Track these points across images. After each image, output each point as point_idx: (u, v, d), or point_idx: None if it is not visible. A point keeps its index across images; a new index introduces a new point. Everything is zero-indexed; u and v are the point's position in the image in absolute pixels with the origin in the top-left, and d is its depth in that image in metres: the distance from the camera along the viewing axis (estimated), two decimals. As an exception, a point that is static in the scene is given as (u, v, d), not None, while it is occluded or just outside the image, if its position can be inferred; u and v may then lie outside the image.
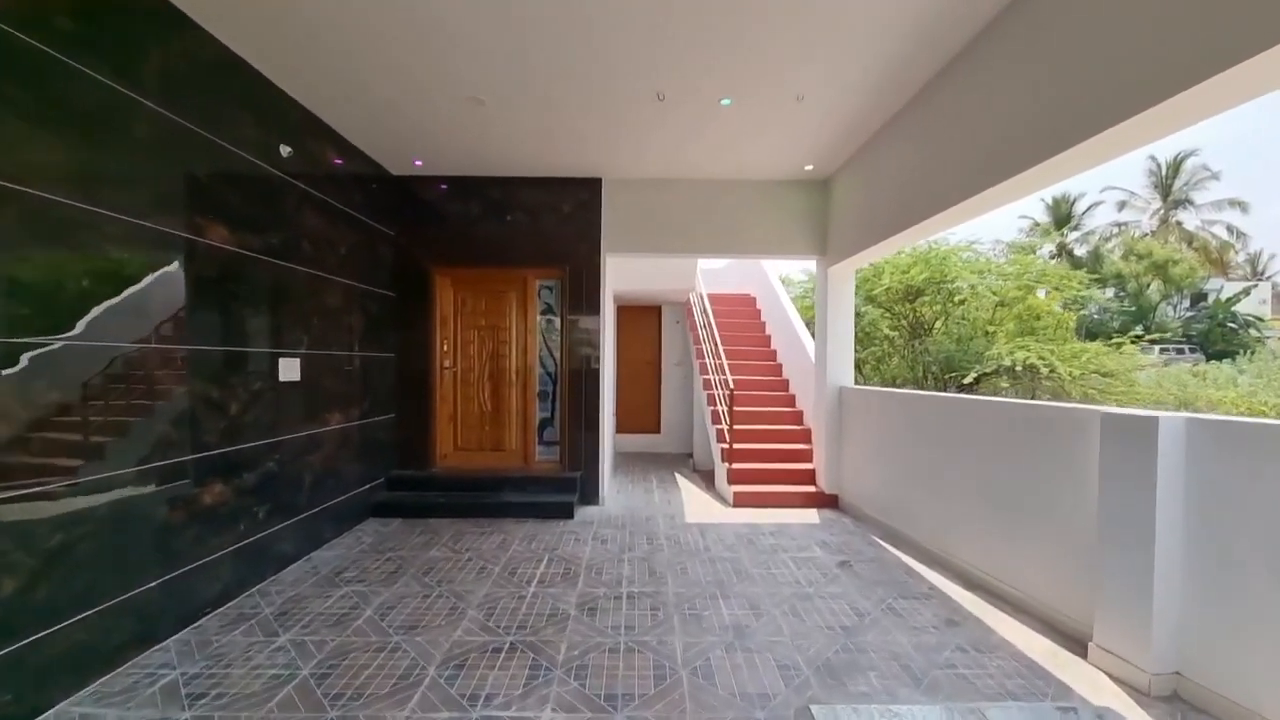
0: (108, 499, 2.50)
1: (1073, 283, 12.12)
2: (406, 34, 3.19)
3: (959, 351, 11.07)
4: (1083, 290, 12.73)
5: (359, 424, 4.74)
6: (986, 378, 10.58)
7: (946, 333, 11.75)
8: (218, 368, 3.19)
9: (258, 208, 3.56)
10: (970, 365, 10.63)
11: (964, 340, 11.36)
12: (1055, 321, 12.13)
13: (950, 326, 11.90)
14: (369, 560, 3.86)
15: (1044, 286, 12.11)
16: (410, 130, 4.46)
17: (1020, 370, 9.99)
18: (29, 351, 2.20)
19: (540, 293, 5.64)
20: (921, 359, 11.53)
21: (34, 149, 2.23)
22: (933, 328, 12.02)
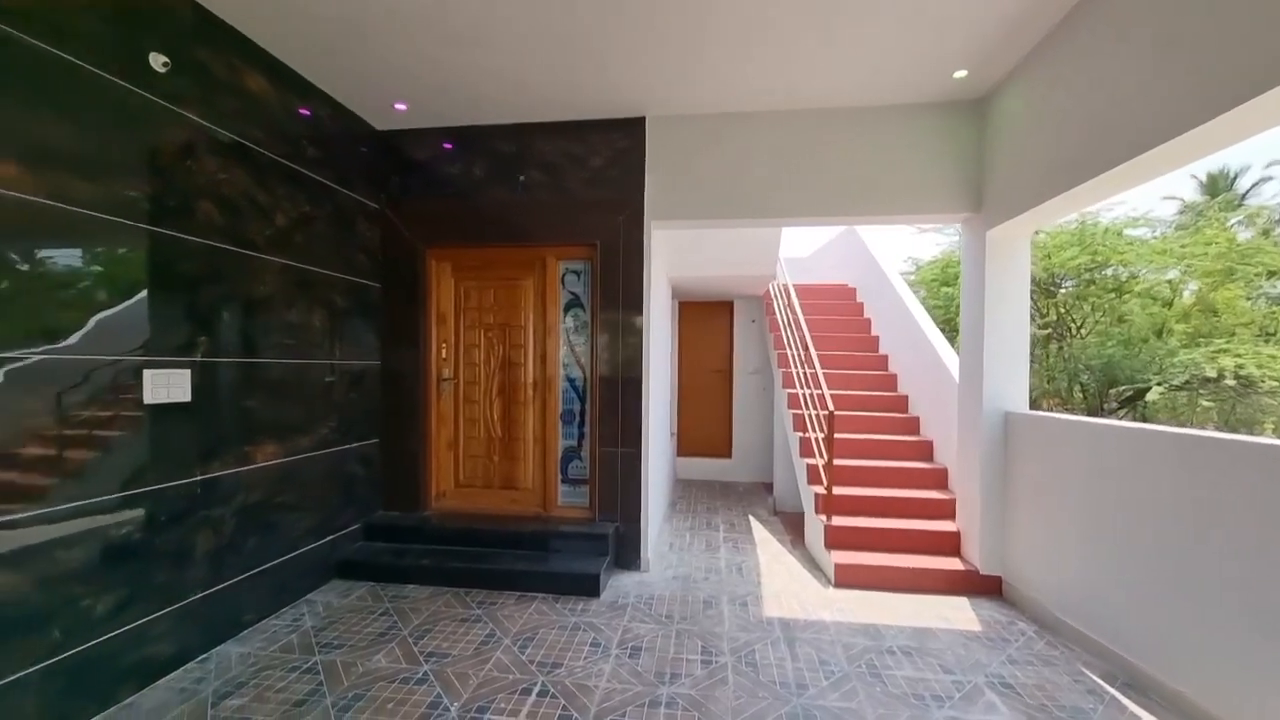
0: None
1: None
2: None
3: (1126, 356, 8.50)
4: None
5: (317, 454, 3.51)
6: (1173, 392, 7.97)
7: (1105, 333, 9.14)
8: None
9: (122, 144, 2.38)
10: (1146, 375, 8.07)
11: (1132, 342, 8.74)
12: (1250, 317, 9.14)
13: (1108, 324, 9.26)
14: (274, 675, 2.55)
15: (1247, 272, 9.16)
16: (376, 54, 3.17)
17: (1231, 381, 7.34)
18: None
19: (564, 279, 4.21)
20: (1068, 367, 9.05)
21: None
22: (1080, 326, 9.45)
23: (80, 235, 2.26)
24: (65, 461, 2.20)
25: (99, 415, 2.33)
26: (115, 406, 2.39)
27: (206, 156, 2.81)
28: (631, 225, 3.99)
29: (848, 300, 7.28)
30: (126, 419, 2.43)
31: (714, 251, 5.56)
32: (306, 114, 3.51)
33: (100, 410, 2.34)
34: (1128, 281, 8.88)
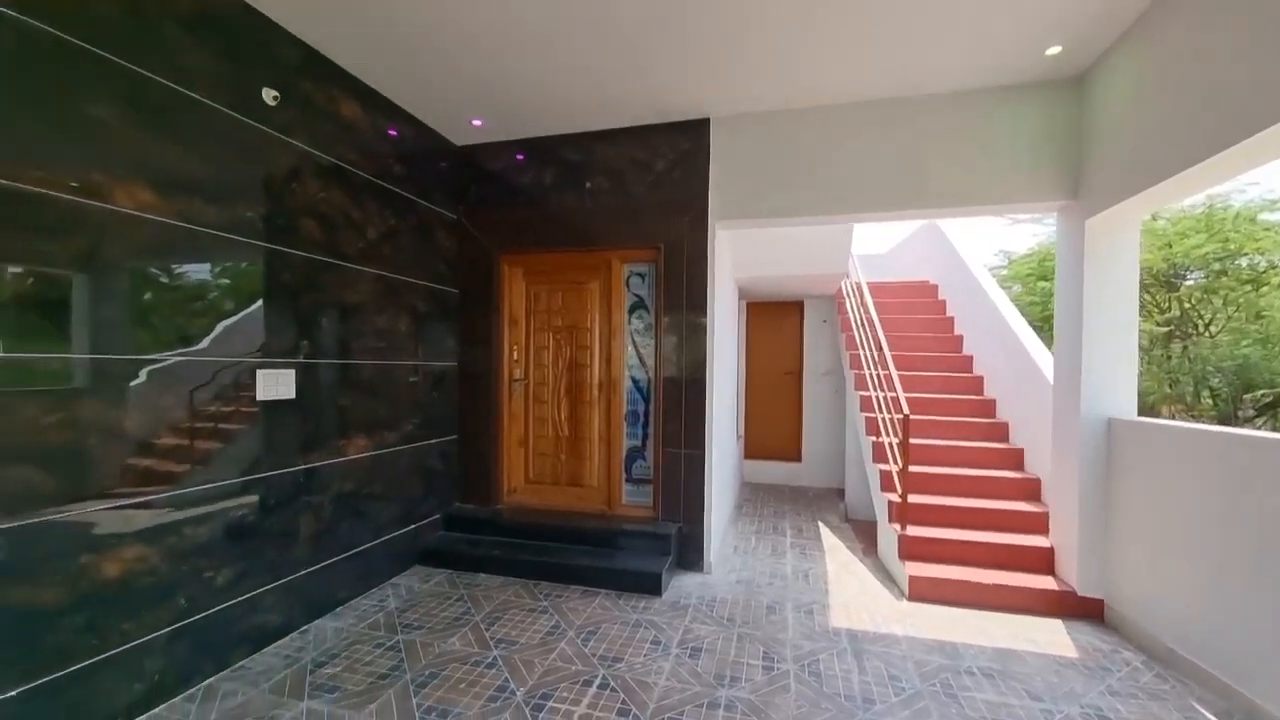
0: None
1: None
2: None
3: (1265, 357, 7.44)
4: None
5: (402, 449, 3.80)
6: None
7: (1239, 331, 8.02)
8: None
9: (242, 177, 2.71)
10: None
11: (1271, 341, 7.62)
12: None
13: (1243, 321, 8.12)
14: (363, 651, 2.79)
15: None
16: (453, 73, 3.39)
17: None
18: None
19: (629, 281, 4.28)
20: (1194, 369, 8.03)
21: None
22: (1209, 323, 8.35)
23: (209, 252, 2.59)
24: (194, 450, 2.53)
25: (222, 410, 2.66)
26: (235, 402, 2.72)
27: (309, 179, 3.12)
28: (695, 227, 4.00)
29: (928, 298, 6.88)
30: (244, 414, 2.75)
31: (782, 251, 5.45)
32: (394, 134, 3.81)
33: (223, 406, 2.67)
34: (1265, 272, 7.76)
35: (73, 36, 2.08)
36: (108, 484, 2.19)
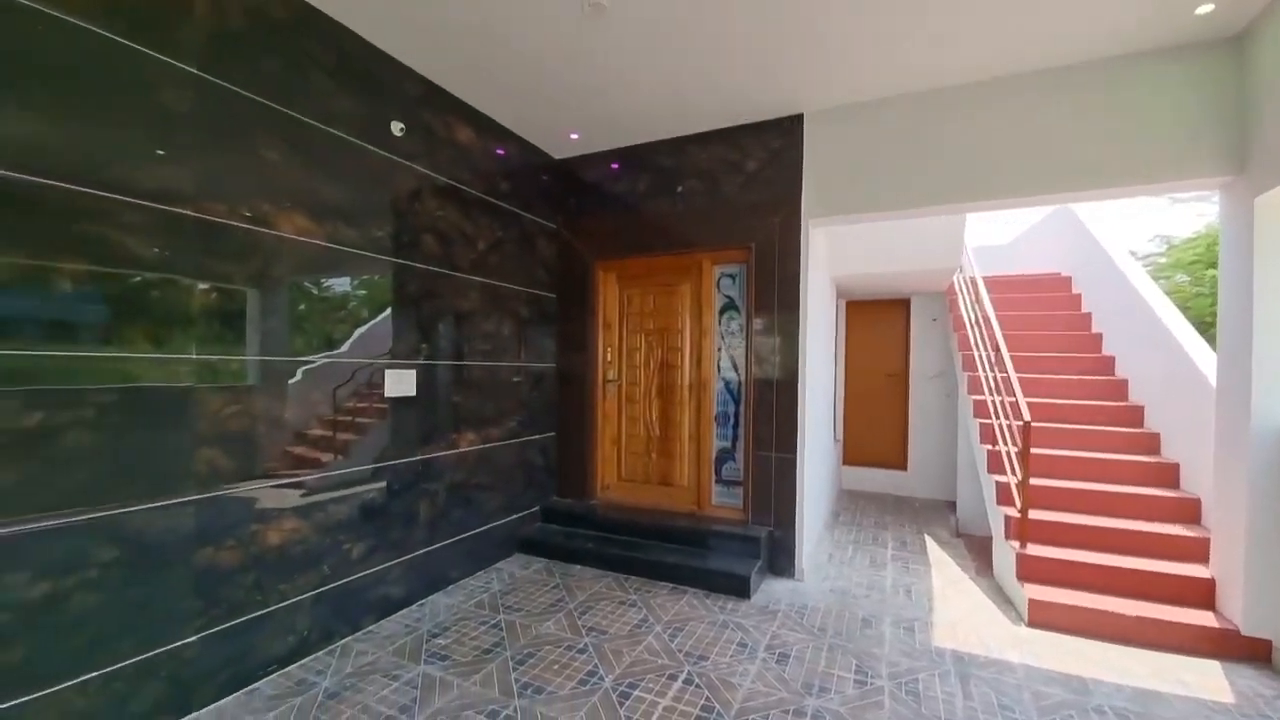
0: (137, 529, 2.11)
1: None
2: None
3: None
4: None
5: (506, 444, 4.11)
6: None
7: None
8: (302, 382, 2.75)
9: (374, 203, 3.10)
10: None
11: None
12: None
13: None
14: (469, 626, 3.06)
15: None
16: (555, 93, 3.61)
17: None
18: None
19: (719, 283, 4.29)
20: None
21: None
22: None
23: (349, 268, 2.99)
24: (336, 440, 2.93)
25: (358, 405, 3.05)
26: (368, 399, 3.11)
27: (429, 199, 3.48)
28: (787, 226, 3.93)
29: (1060, 292, 6.16)
30: (375, 409, 3.14)
31: (886, 246, 5.18)
32: (501, 153, 4.13)
33: (359, 402, 3.06)
34: None
35: (249, 91, 2.51)
36: (271, 466, 2.61)
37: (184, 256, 2.29)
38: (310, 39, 2.78)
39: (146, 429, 2.18)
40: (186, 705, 2.28)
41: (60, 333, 1.98)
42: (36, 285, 1.92)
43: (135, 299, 2.16)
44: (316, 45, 2.81)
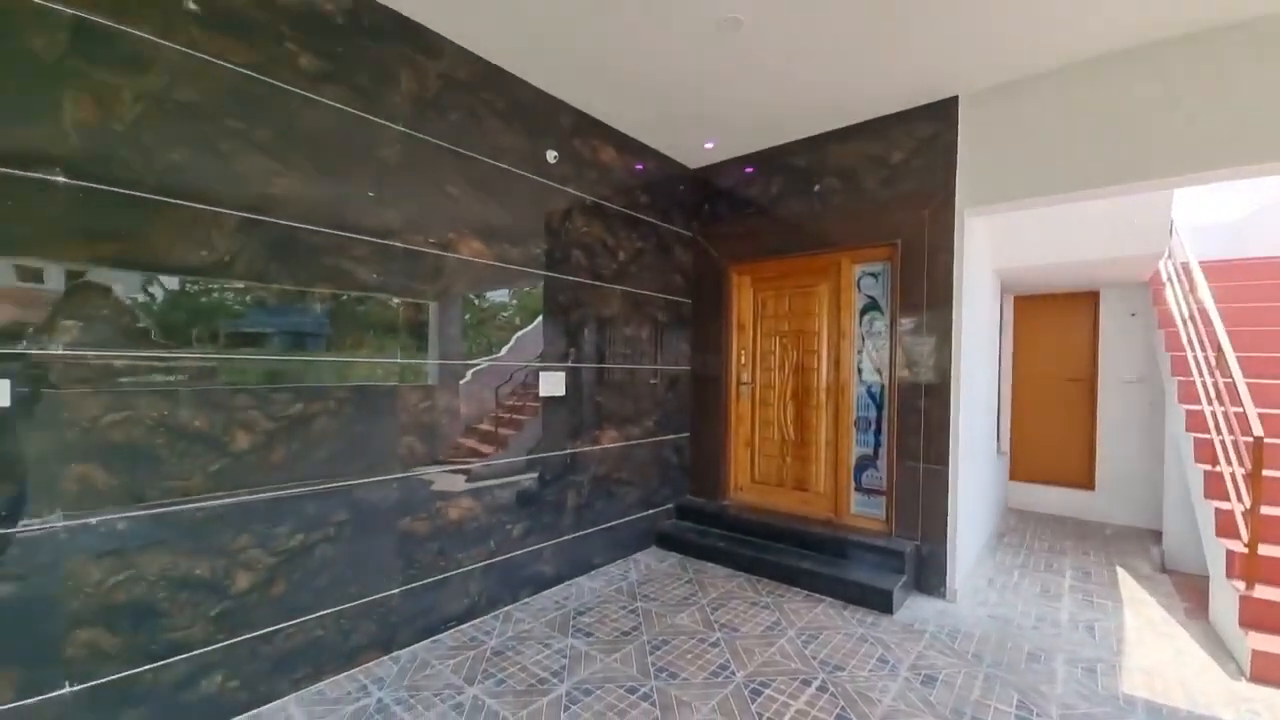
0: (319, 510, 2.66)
1: None
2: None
3: None
4: None
5: (644, 442, 4.35)
6: None
7: None
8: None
9: (531, 222, 3.51)
10: None
11: None
12: None
13: None
14: (610, 609, 3.32)
15: None
16: (692, 107, 3.77)
17: None
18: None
19: (860, 282, 4.11)
20: None
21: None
22: None
23: (510, 282, 3.42)
24: (498, 433, 3.36)
25: (516, 403, 3.47)
26: (524, 397, 3.52)
27: (577, 217, 3.83)
28: (938, 218, 3.65)
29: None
30: (530, 406, 3.54)
31: (1066, 232, 4.57)
32: (641, 168, 4.38)
33: (516, 400, 3.48)
34: None
35: (439, 140, 3.00)
36: (450, 453, 3.09)
37: (393, 279, 2.81)
38: (488, 90, 3.23)
39: (366, 419, 2.72)
40: (390, 645, 2.80)
41: (312, 342, 2.57)
42: (298, 307, 2.51)
43: (361, 315, 2.71)
44: (492, 95, 3.26)
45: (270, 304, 2.43)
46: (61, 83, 1.90)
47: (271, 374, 2.43)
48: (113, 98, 2.00)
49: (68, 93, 1.91)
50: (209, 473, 2.24)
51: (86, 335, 1.98)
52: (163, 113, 2.11)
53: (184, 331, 2.20)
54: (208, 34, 2.21)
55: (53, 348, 1.91)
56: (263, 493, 2.38)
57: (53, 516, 1.91)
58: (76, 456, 1.95)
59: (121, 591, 2.04)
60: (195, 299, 2.23)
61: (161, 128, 2.10)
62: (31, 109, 1.85)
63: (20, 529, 1.85)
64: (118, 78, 2.01)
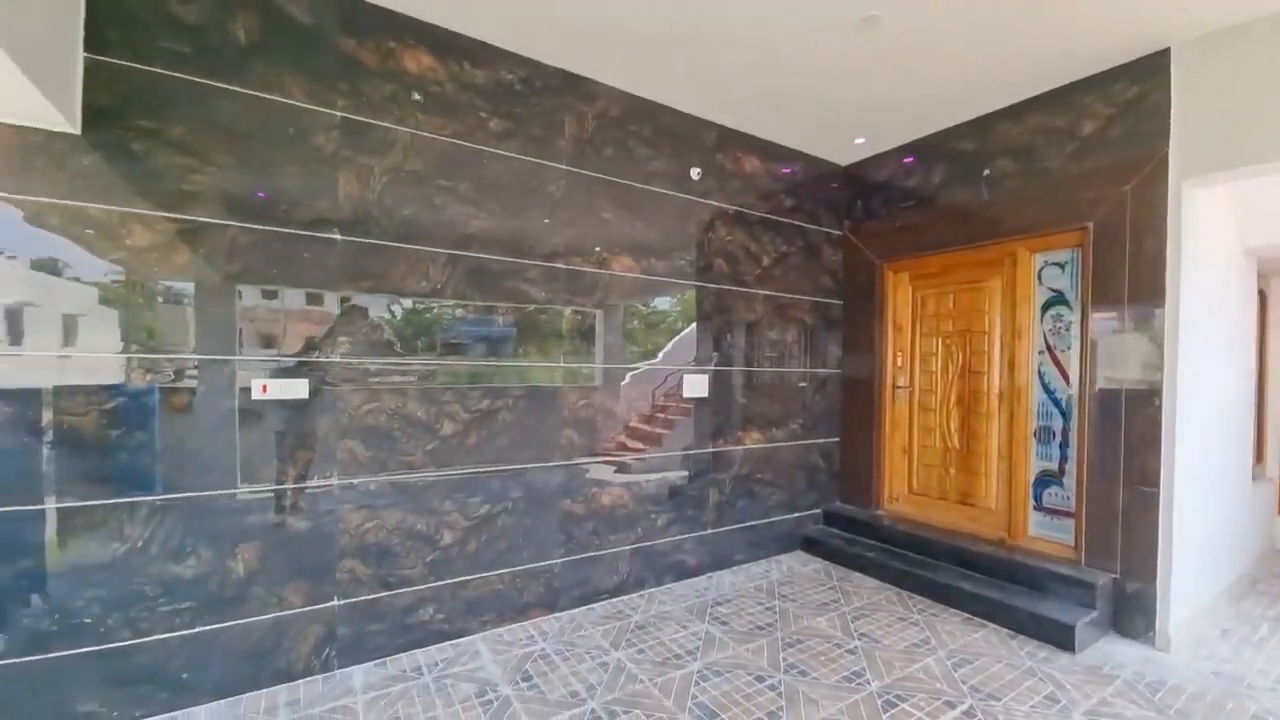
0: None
1: None
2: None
3: None
4: None
5: (787, 445, 4.37)
6: None
7: None
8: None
9: (670, 233, 3.81)
10: None
11: None
12: None
13: None
14: (747, 604, 3.44)
15: None
16: (839, 105, 3.74)
17: None
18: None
19: (1041, 274, 3.64)
20: None
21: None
22: None
23: (660, 292, 3.75)
24: (648, 430, 3.70)
25: (665, 404, 3.79)
26: (673, 398, 3.82)
27: (719, 227, 4.03)
28: (1145, 193, 3.10)
29: None
30: (677, 407, 3.83)
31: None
32: (787, 172, 4.42)
33: (666, 400, 3.80)
34: None
35: (595, 172, 3.44)
36: (606, 447, 3.51)
37: (558, 295, 3.32)
38: (636, 122, 3.61)
39: (535, 414, 3.25)
40: (553, 606, 3.29)
41: (496, 349, 3.17)
42: (486, 320, 3.13)
43: (532, 326, 3.26)
44: (640, 125, 3.62)
45: (468, 319, 3.07)
46: (336, 167, 2.67)
47: (469, 375, 3.06)
48: (368, 174, 2.74)
49: (340, 174, 2.68)
50: (426, 451, 2.92)
51: (352, 346, 2.74)
52: (399, 181, 2.82)
53: (412, 342, 2.91)
54: (427, 117, 2.89)
55: (332, 356, 2.70)
56: (461, 470, 3.02)
57: (331, 477, 2.69)
58: (346, 435, 2.72)
59: (371, 535, 2.79)
60: (420, 316, 2.93)
61: (398, 192, 2.82)
62: (320, 188, 2.65)
63: (312, 484, 2.66)
64: (371, 159, 2.75)
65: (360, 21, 2.71)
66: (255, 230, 2.50)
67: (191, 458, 2.41)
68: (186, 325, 2.42)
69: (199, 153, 2.38)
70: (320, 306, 2.70)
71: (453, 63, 2.96)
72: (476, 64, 3.03)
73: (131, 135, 2.26)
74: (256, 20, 2.48)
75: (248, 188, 2.48)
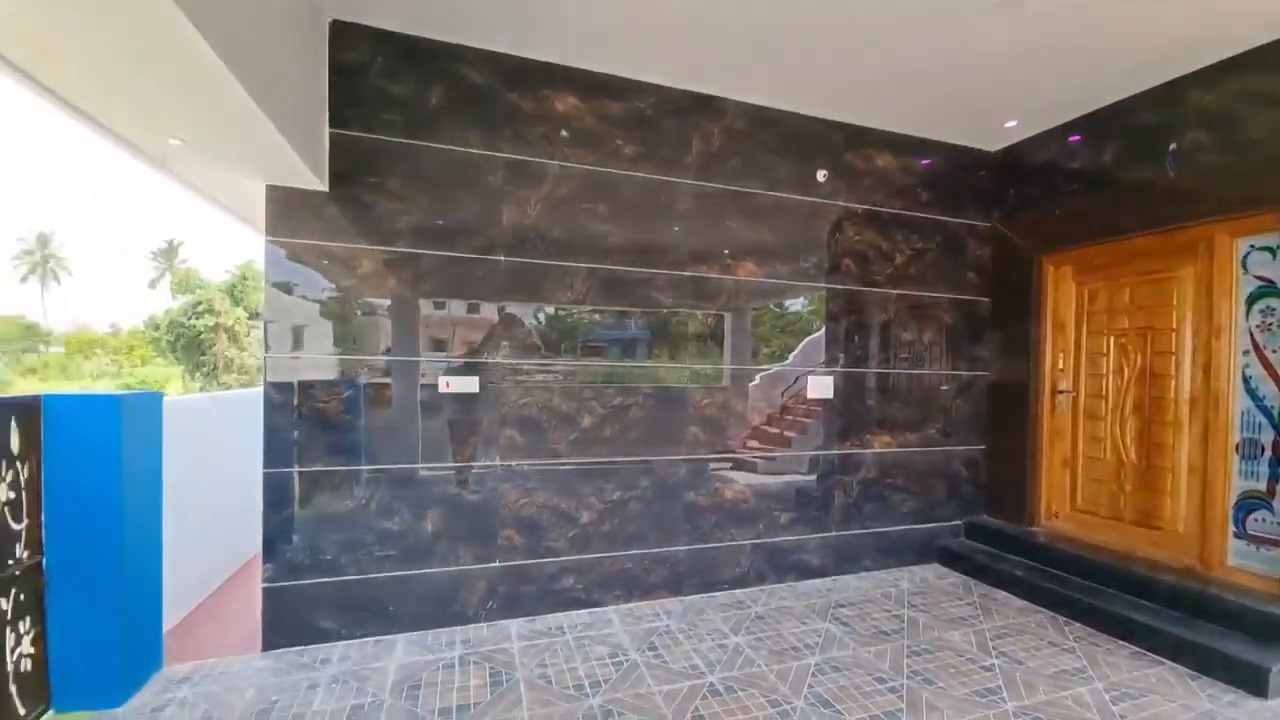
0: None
1: None
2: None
3: None
4: None
5: (922, 450, 4.17)
6: None
7: None
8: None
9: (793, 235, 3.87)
10: None
11: None
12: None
13: None
14: (873, 609, 3.38)
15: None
16: (988, 87, 3.51)
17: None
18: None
19: (1245, 260, 3.09)
20: None
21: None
22: None
23: (790, 295, 3.84)
24: (772, 430, 3.81)
25: (790, 404, 3.87)
26: (799, 399, 3.88)
27: (847, 227, 4.00)
28: (1394, 162, 2.53)
29: None
30: (801, 408, 3.89)
31: None
32: (926, 163, 4.22)
33: (791, 401, 3.87)
34: None
35: (720, 184, 3.64)
36: (730, 444, 3.69)
37: (684, 301, 3.58)
38: (762, 131, 3.74)
39: (663, 411, 3.54)
40: (677, 589, 3.55)
41: (628, 351, 3.51)
42: (621, 325, 3.49)
43: (661, 331, 3.55)
44: (765, 134, 3.75)
45: (605, 324, 3.45)
46: (501, 201, 3.20)
47: (605, 375, 3.44)
48: (525, 204, 3.24)
49: (505, 205, 3.20)
50: (569, 441, 3.35)
51: (510, 350, 3.25)
52: (549, 207, 3.29)
53: (557, 345, 3.36)
54: (572, 149, 3.32)
55: (495, 357, 3.23)
56: (597, 459, 3.40)
57: (495, 459, 3.22)
58: (506, 425, 3.24)
59: (525, 510, 3.27)
60: (564, 323, 3.38)
61: (548, 217, 3.28)
62: (490, 219, 3.19)
63: (480, 464, 3.20)
64: (527, 190, 3.24)
65: (521, 77, 3.21)
66: (440, 256, 3.11)
67: (389, 437, 3.07)
68: (382, 332, 3.08)
69: (406, 198, 3.03)
70: (482, 315, 3.24)
71: (594, 100, 3.36)
72: (614, 97, 3.40)
73: (362, 189, 2.96)
74: (445, 89, 3.08)
75: (436, 223, 3.09)
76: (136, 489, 2.51)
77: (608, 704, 2.42)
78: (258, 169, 2.67)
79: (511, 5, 2.76)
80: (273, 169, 2.64)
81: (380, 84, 2.98)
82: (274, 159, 2.50)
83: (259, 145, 2.34)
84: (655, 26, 2.92)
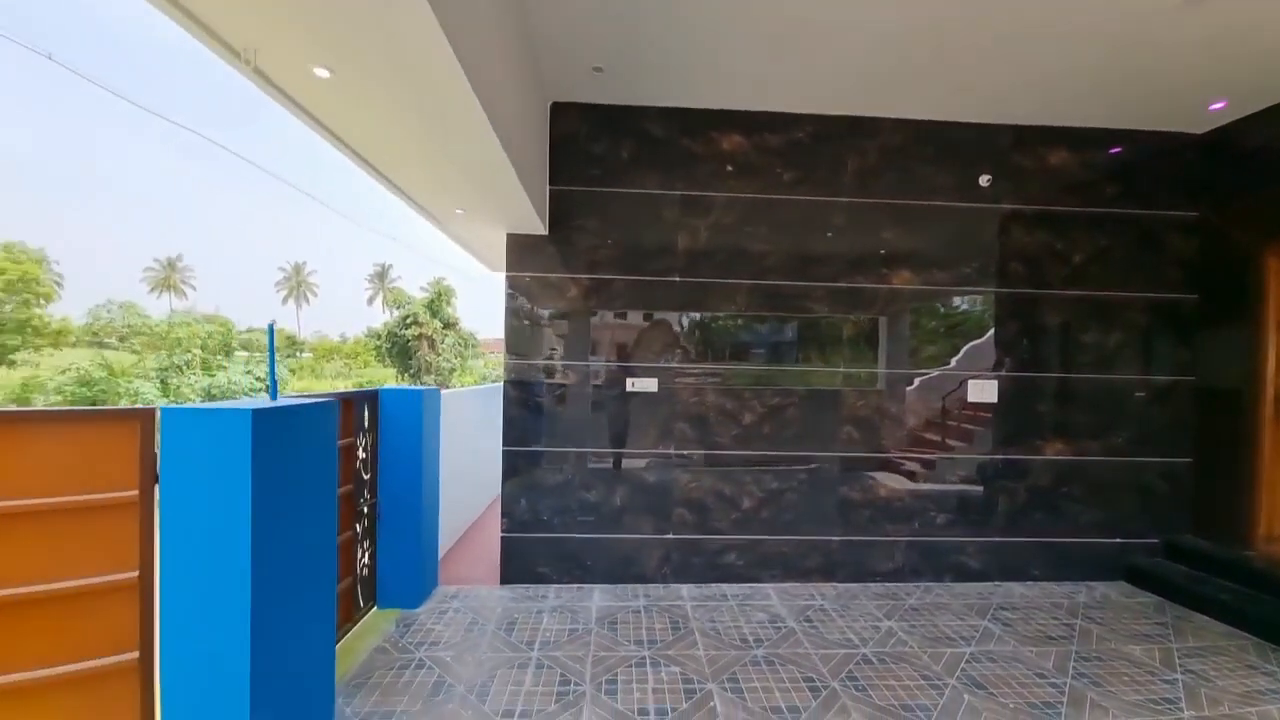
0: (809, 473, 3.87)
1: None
2: None
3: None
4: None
5: (1106, 460, 3.95)
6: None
7: None
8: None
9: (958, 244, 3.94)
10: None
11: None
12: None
13: None
14: (1039, 615, 3.37)
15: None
16: (1166, 74, 3.33)
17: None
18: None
19: None
20: None
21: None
22: None
23: (948, 301, 3.94)
24: (929, 431, 3.93)
25: (950, 407, 3.96)
26: (960, 402, 3.95)
27: (1015, 230, 3.95)
28: None
29: None
30: (960, 411, 3.95)
31: None
32: (1115, 152, 3.98)
33: (950, 404, 3.96)
34: None
35: (875, 198, 3.88)
36: (886, 446, 3.91)
37: (838, 309, 3.88)
38: (919, 144, 3.88)
39: (817, 411, 3.88)
40: (830, 575, 3.86)
41: (785, 356, 3.91)
42: (778, 332, 3.90)
43: (813, 337, 3.90)
44: (922, 146, 3.88)
45: (764, 332, 3.90)
46: (677, 231, 3.80)
47: (764, 378, 3.89)
48: (696, 232, 3.81)
49: (679, 235, 3.80)
50: (731, 435, 3.85)
51: (682, 355, 3.85)
52: (715, 233, 3.82)
53: (722, 351, 3.88)
54: (735, 180, 3.82)
55: (671, 361, 3.84)
56: (757, 452, 3.85)
57: (670, 448, 3.83)
58: (677, 418, 3.84)
59: (694, 492, 3.85)
60: (728, 330, 3.89)
61: (714, 242, 3.82)
62: (667, 246, 3.80)
63: (655, 451, 3.84)
64: (697, 220, 3.81)
65: (691, 124, 3.78)
66: (629, 280, 3.80)
67: (588, 426, 3.83)
68: (583, 342, 3.85)
69: (603, 235, 3.77)
70: (661, 327, 3.87)
71: (755, 135, 3.81)
72: (774, 131, 3.82)
73: (571, 231, 3.76)
74: (633, 143, 3.77)
75: (627, 255, 3.79)
76: (429, 455, 3.54)
77: (770, 655, 2.88)
78: (506, 224, 3.58)
79: (697, 62, 3.22)
80: (515, 223, 3.53)
81: (585, 146, 3.75)
82: (519, 217, 3.37)
83: (514, 209, 3.20)
84: (825, 74, 3.30)
